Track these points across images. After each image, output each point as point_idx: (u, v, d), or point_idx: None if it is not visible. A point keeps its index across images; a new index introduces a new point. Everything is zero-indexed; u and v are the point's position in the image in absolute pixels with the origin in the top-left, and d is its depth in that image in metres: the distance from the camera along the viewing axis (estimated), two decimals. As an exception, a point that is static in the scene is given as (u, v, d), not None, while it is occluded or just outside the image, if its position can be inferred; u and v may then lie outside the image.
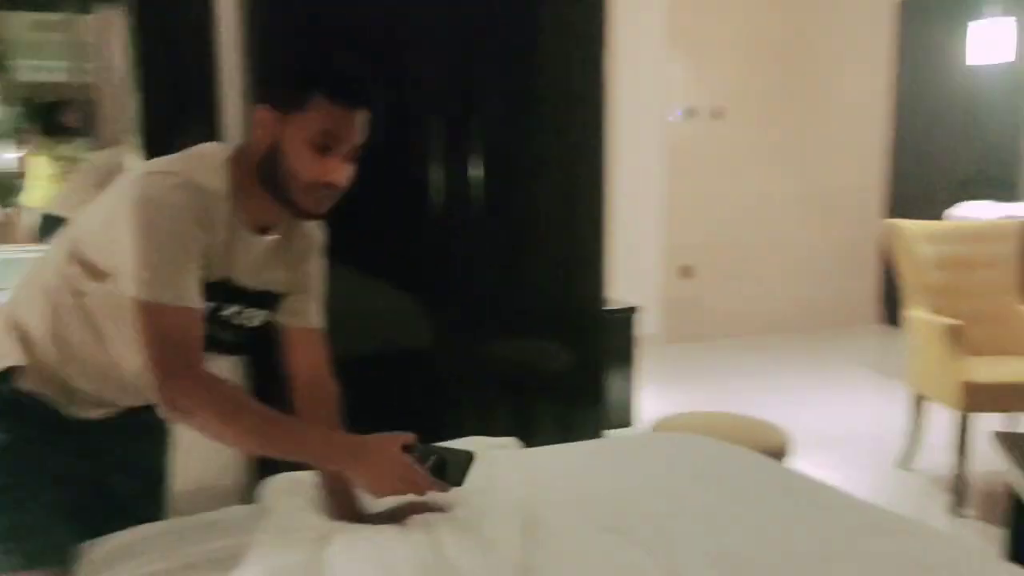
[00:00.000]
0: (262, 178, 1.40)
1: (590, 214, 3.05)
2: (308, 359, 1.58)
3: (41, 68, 3.96)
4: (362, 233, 2.65)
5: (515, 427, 2.99)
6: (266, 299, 1.53)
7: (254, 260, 1.47)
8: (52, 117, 3.83)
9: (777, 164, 5.77)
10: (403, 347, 2.87)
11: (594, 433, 3.02)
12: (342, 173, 1.40)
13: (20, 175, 3.66)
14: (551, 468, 1.75)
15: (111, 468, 1.60)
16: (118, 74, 4.03)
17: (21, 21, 3.76)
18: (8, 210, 3.62)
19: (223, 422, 1.31)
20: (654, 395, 4.03)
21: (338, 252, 2.57)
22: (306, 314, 1.58)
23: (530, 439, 2.06)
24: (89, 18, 3.73)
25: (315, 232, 1.59)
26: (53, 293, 1.44)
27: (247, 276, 1.48)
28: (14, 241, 3.48)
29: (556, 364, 3.10)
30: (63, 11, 3.78)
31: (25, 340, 1.46)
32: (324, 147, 1.36)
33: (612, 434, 3.23)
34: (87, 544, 1.48)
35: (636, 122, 5.14)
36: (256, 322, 1.54)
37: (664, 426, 2.82)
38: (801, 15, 5.71)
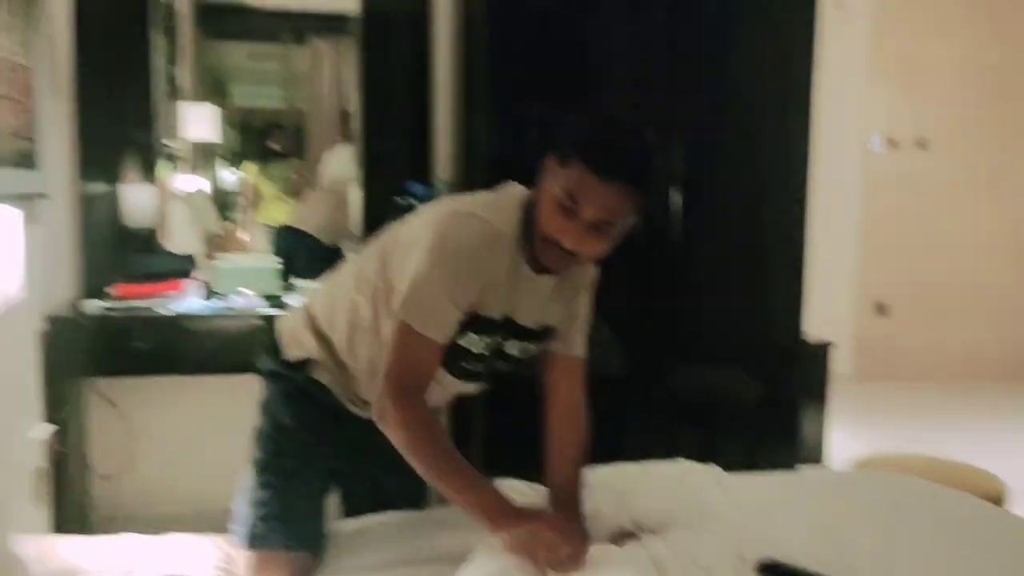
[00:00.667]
0: (526, 220, 1.45)
1: (789, 245, 2.99)
2: (568, 386, 1.61)
3: (257, 95, 4.31)
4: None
5: (701, 456, 2.96)
6: (544, 334, 1.58)
7: (537, 298, 1.52)
8: (263, 141, 4.15)
9: (984, 198, 5.42)
10: (591, 370, 2.90)
11: (787, 468, 2.94)
12: (577, 239, 1.38)
13: (236, 193, 3.98)
14: (759, 496, 1.74)
15: (381, 464, 1.66)
16: (328, 100, 4.34)
17: (240, 51, 4.11)
18: (227, 224, 3.94)
19: (405, 446, 1.40)
20: (845, 434, 3.87)
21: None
22: (571, 343, 1.61)
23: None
24: (302, 49, 4.04)
25: (589, 270, 1.61)
26: (352, 306, 1.57)
27: (528, 313, 1.52)
28: (236, 251, 3.79)
29: (747, 395, 3.05)
30: (279, 42, 4.11)
31: (320, 337, 1.59)
32: (568, 209, 1.36)
33: (807, 469, 3.13)
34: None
35: (834, 150, 4.98)
36: (531, 354, 1.59)
37: (868, 465, 2.71)
38: (1015, 39, 5.37)
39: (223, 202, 3.88)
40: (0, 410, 2.10)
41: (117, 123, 2.90)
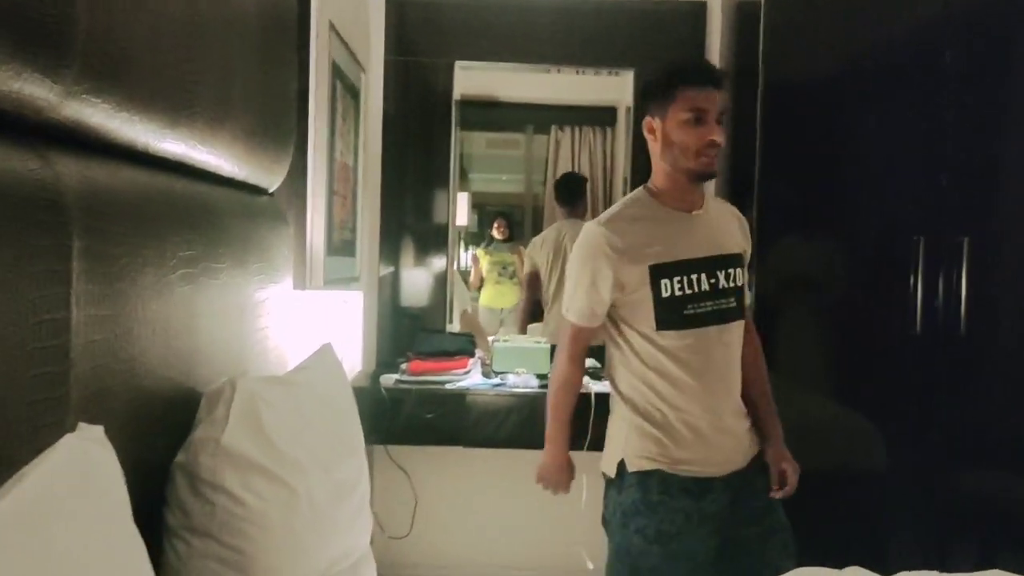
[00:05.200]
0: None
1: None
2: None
3: (492, 180, 4.57)
4: (830, 345, 2.69)
5: (976, 566, 2.74)
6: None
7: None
8: (489, 226, 4.36)
9: None
10: (858, 467, 2.80)
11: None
12: (712, 132, 1.81)
13: (467, 273, 4.22)
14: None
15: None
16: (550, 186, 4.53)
17: (481, 140, 4.40)
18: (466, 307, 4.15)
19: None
20: None
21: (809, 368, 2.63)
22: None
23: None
24: (539, 137, 4.27)
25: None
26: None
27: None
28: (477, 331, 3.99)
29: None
30: (521, 132, 4.37)
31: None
32: (697, 120, 1.81)
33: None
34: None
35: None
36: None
37: None
38: None
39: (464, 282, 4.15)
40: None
41: (401, 209, 3.23)
